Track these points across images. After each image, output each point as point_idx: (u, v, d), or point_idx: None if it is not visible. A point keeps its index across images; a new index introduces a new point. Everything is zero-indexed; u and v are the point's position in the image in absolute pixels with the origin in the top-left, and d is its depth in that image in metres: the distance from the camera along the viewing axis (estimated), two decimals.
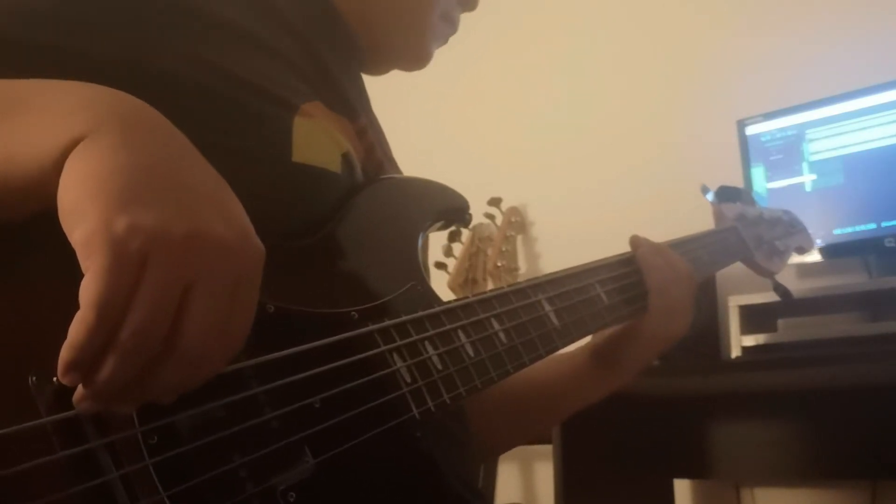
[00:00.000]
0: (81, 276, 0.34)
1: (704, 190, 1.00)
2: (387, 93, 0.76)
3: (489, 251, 1.87)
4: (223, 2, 0.57)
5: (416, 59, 0.76)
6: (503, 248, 1.87)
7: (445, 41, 0.78)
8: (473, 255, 1.86)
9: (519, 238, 2.01)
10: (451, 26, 0.77)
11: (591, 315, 0.68)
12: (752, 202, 1.03)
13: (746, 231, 0.94)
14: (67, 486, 0.36)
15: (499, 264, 1.83)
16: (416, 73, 0.81)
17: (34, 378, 0.37)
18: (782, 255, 0.98)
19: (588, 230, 1.89)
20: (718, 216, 0.96)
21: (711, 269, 0.89)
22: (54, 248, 0.38)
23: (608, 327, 0.72)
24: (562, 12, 2.13)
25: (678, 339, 0.75)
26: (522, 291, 0.62)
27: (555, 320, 0.64)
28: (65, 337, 0.34)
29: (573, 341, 0.66)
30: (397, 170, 0.72)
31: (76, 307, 0.34)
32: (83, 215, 0.34)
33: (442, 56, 0.79)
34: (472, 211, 0.68)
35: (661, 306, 0.74)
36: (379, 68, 0.77)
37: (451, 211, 0.66)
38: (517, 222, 1.98)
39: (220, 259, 0.36)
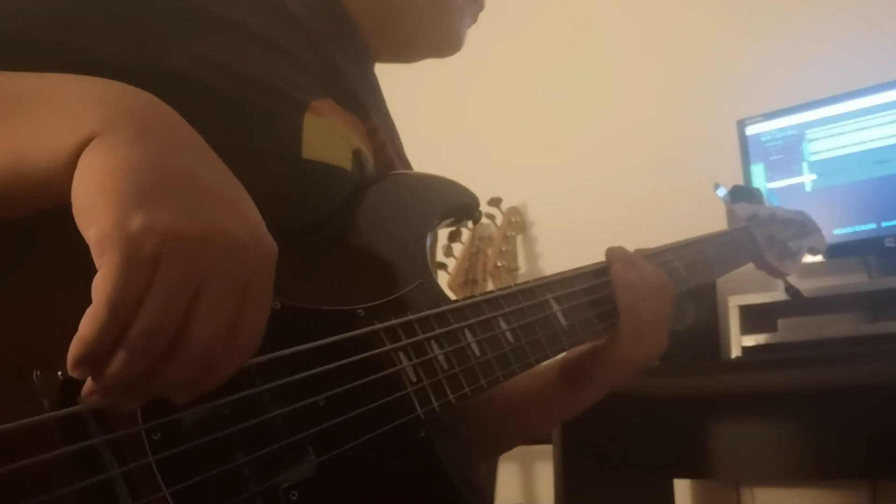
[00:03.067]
0: (86, 270, 0.34)
1: (717, 187, 0.99)
2: (387, 93, 0.76)
3: (489, 251, 1.87)
4: (230, 1, 0.57)
5: (447, 43, 0.75)
6: (503, 248, 1.87)
7: (475, 20, 0.77)
8: (473, 255, 1.86)
9: (519, 238, 2.01)
10: (478, 4, 0.77)
11: (598, 315, 0.67)
12: (762, 204, 1.03)
13: (758, 231, 0.93)
14: (70, 482, 0.36)
15: (499, 264, 1.83)
16: (414, 74, 0.80)
17: (38, 372, 0.37)
18: (794, 255, 0.98)
19: (588, 230, 1.88)
20: (731, 215, 0.95)
21: (723, 269, 0.88)
22: (58, 243, 0.38)
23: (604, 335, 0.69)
24: (561, 13, 2.13)
25: (651, 361, 0.71)
26: (530, 291, 0.62)
27: (562, 320, 0.63)
28: (70, 332, 0.34)
29: (581, 342, 0.65)
30: (409, 169, 0.72)
31: (82, 302, 0.34)
32: (98, 213, 0.34)
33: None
34: None
35: (631, 327, 0.69)
36: (409, 58, 0.76)
37: (461, 208, 0.66)
38: (517, 222, 1.98)
39: (233, 258, 0.36)
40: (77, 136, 0.37)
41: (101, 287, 0.33)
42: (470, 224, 0.69)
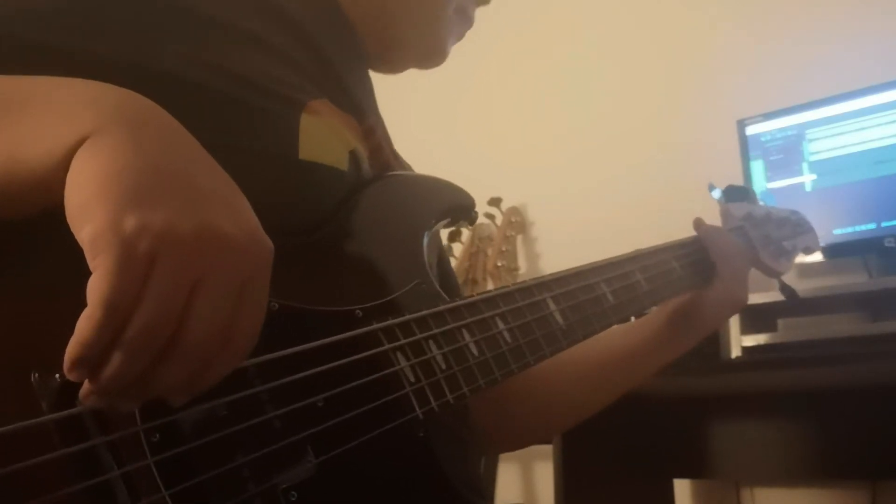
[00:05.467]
0: (82, 273, 0.34)
1: (711, 188, 0.99)
2: (387, 93, 0.76)
3: (489, 251, 1.87)
4: (225, 3, 0.57)
5: (432, 56, 0.76)
6: (503, 248, 1.87)
7: (461, 37, 0.78)
8: (473, 255, 1.86)
9: (519, 238, 2.01)
10: (467, 21, 0.77)
11: (595, 314, 0.67)
12: (757, 203, 1.03)
13: (753, 231, 0.93)
14: (69, 483, 0.36)
15: (499, 264, 1.83)
16: (415, 74, 0.81)
17: (36, 375, 0.37)
18: (789, 255, 0.97)
19: (588, 230, 1.88)
20: (725, 215, 0.95)
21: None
22: (54, 246, 0.38)
23: (621, 322, 0.73)
24: (562, 13, 2.13)
25: (743, 305, 0.84)
26: (527, 290, 0.62)
27: (560, 320, 0.63)
28: (67, 334, 0.34)
29: (578, 341, 0.65)
30: (405, 170, 0.72)
31: (78, 304, 0.34)
32: (91, 214, 0.34)
33: None
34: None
35: (728, 272, 0.83)
36: (395, 66, 0.77)
37: (457, 208, 0.66)
38: (517, 222, 1.98)
39: (228, 258, 0.36)
40: (71, 136, 0.37)
41: (96, 289, 0.33)
42: (467, 224, 0.69)
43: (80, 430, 0.37)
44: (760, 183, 1.58)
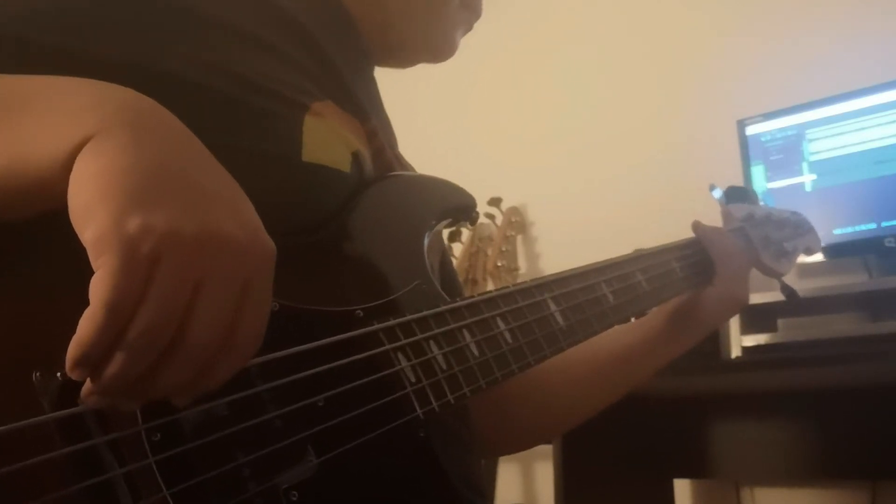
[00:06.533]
0: (84, 272, 0.34)
1: (712, 189, 0.99)
2: (388, 93, 0.76)
3: (489, 251, 1.88)
4: (227, 4, 0.57)
5: (439, 50, 0.76)
6: (503, 248, 1.87)
7: (470, 28, 0.78)
8: (473, 255, 1.86)
9: (519, 238, 2.01)
10: (474, 12, 0.77)
11: (596, 315, 0.67)
12: (757, 204, 1.03)
13: (754, 231, 0.93)
14: (70, 483, 0.36)
15: (499, 264, 1.83)
16: (416, 74, 0.81)
17: (38, 374, 0.37)
18: (790, 255, 0.98)
19: (588, 230, 1.89)
20: (726, 216, 0.96)
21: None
22: (56, 245, 0.38)
23: (621, 323, 0.73)
24: (561, 13, 2.13)
25: (744, 304, 0.84)
26: (528, 291, 0.62)
27: (560, 320, 0.63)
28: (69, 333, 0.34)
29: (578, 342, 0.65)
30: (408, 171, 0.72)
31: (80, 303, 0.34)
32: (94, 215, 0.34)
33: None
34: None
35: (728, 273, 0.83)
36: (403, 62, 0.77)
37: (459, 209, 0.66)
38: (517, 222, 1.98)
39: (231, 258, 0.36)
40: (73, 137, 0.37)
41: (98, 289, 0.33)
42: (468, 225, 0.69)
43: (82, 430, 0.37)
44: (760, 183, 1.58)
